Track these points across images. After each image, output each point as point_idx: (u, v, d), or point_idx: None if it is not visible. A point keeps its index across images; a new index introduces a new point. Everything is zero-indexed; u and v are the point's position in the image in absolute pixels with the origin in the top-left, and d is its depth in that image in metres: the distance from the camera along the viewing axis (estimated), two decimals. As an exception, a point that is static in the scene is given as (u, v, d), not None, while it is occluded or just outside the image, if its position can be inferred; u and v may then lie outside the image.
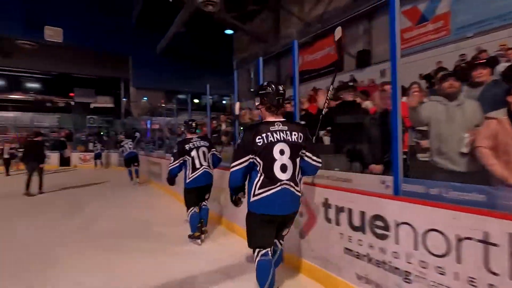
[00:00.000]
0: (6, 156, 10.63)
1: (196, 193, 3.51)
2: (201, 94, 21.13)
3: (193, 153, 3.46)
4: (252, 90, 17.71)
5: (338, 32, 2.81)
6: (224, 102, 21.52)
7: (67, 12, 15.30)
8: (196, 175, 3.44)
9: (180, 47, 17.65)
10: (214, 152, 3.63)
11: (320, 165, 2.02)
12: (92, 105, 22.67)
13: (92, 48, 16.64)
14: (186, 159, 3.46)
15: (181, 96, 22.52)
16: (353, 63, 10.54)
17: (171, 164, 3.51)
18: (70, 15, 15.40)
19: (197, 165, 3.45)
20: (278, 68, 15.07)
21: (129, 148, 8.47)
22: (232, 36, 19.44)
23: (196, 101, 21.51)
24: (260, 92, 1.95)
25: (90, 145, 14.34)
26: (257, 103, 1.97)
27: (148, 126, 13.91)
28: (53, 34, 14.90)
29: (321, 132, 3.76)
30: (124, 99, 22.48)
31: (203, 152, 3.51)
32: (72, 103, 22.35)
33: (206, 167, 3.51)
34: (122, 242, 3.69)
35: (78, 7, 15.48)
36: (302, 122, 3.20)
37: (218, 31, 18.13)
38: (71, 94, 23.81)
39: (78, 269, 2.96)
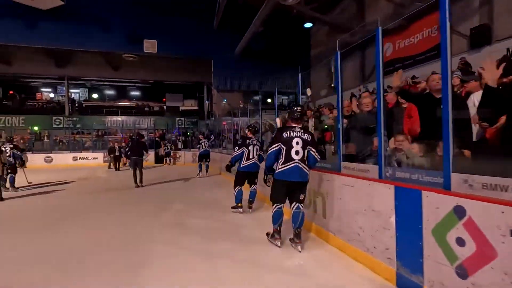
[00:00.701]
0: (117, 153, 12.36)
1: (245, 176, 5.02)
2: (277, 94, 21.02)
3: (250, 147, 4.95)
4: (332, 85, 16.65)
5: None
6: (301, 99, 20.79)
7: (160, 25, 17.08)
8: (248, 163, 4.95)
9: (258, 47, 17.82)
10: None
11: (319, 159, 3.25)
12: (180, 108, 25.07)
13: (180, 55, 18.24)
14: (244, 150, 4.92)
15: (256, 97, 22.99)
16: (465, 44, 8.60)
17: (235, 153, 5.03)
18: (163, 27, 17.14)
19: (250, 157, 4.94)
20: (363, 59, 13.68)
21: (205, 146, 10.30)
22: (309, 31, 18.71)
23: (270, 100, 21.46)
24: (288, 111, 3.43)
25: (179, 145, 15.53)
26: (286, 116, 3.56)
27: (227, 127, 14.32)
28: (149, 46, 16.89)
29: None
30: (207, 102, 24.10)
31: (256, 149, 5.01)
32: (165, 107, 25.13)
33: (256, 160, 4.99)
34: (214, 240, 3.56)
35: (169, 19, 17.11)
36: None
37: (296, 26, 17.63)
38: (164, 99, 26.89)
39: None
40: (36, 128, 18.60)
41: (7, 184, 7.30)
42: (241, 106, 23.53)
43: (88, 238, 3.93)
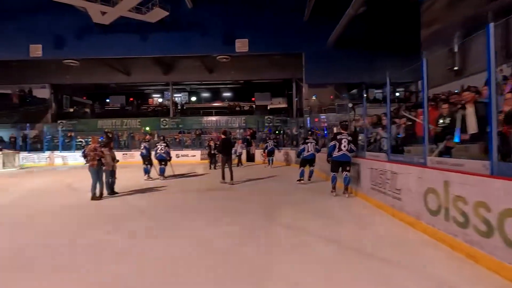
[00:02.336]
0: (212, 152, 12.72)
1: (338, 165, 6.16)
2: (378, 85, 18.49)
3: (342, 141, 6.11)
4: (455, 68, 13.34)
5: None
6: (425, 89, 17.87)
7: (251, 23, 17.06)
8: (339, 154, 6.11)
9: (354, 34, 15.87)
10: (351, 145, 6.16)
11: (355, 149, 6.24)
12: (269, 107, 25.01)
13: (271, 52, 17.84)
14: (335, 143, 6.15)
15: (353, 91, 20.80)
16: None
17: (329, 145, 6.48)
18: (253, 25, 17.08)
19: (342, 148, 6.07)
20: (507, 33, 10.37)
21: (311, 149, 8.15)
22: (419, 8, 15.62)
23: (374, 92, 19.03)
24: (339, 122, 6.97)
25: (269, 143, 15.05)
26: (339, 126, 6.77)
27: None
28: (241, 45, 17.07)
29: None
30: (296, 99, 23.25)
31: (347, 142, 6.08)
32: (254, 106, 25.50)
33: (345, 151, 6.08)
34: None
35: (259, 16, 16.93)
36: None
37: (403, 3, 14.97)
38: (253, 99, 27.40)
39: None
40: (147, 128, 21.29)
41: (152, 174, 9.31)
42: (332, 101, 21.87)
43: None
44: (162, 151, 9.20)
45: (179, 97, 29.09)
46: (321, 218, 4.72)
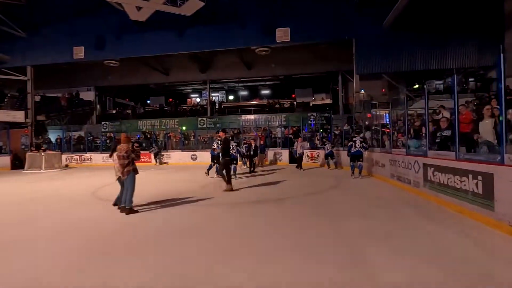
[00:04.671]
0: (251, 153, 11.29)
1: (355, 158, 9.32)
2: (448, 73, 15.59)
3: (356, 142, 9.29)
4: None
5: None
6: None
7: (293, 9, 15.39)
8: (354, 150, 9.26)
9: (418, 12, 13.30)
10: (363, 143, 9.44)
11: (367, 146, 9.75)
12: (311, 103, 23.01)
13: (315, 40, 15.92)
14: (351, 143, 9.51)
15: (410, 85, 18.00)
16: None
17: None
18: (296, 12, 15.39)
19: (356, 145, 9.20)
20: None
21: (358, 145, 9.41)
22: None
23: (439, 83, 16.21)
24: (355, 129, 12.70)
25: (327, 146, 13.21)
26: (353, 132, 12.34)
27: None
28: (282, 34, 15.44)
29: None
30: (342, 94, 21.00)
31: (360, 142, 9.30)
32: (295, 103, 23.70)
33: (359, 148, 9.21)
34: None
35: (302, 2, 15.13)
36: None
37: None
38: (293, 95, 25.59)
39: None
40: (184, 128, 20.71)
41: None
42: (385, 95, 19.21)
43: None
44: (234, 151, 9.49)
45: (216, 96, 28.37)
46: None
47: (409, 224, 4.35)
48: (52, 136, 20.80)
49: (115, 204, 5.37)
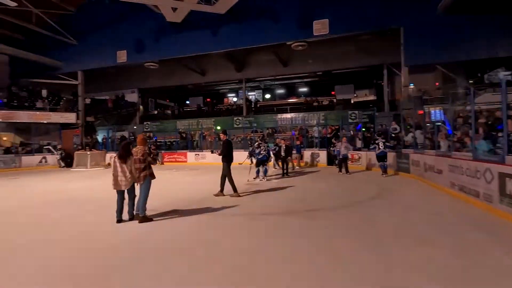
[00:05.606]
0: (282, 153, 10.58)
1: (380, 159, 10.36)
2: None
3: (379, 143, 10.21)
4: None
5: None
6: None
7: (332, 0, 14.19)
8: (378, 152, 10.26)
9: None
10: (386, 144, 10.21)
11: (393, 146, 10.93)
12: (352, 100, 21.45)
13: (357, 31, 14.55)
14: (375, 145, 10.49)
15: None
16: None
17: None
18: (335, 2, 14.20)
19: (380, 147, 10.14)
20: None
21: (381, 147, 10.08)
22: None
23: (507, 73, 13.85)
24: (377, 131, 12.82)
25: (358, 143, 12.07)
26: (376, 134, 11.88)
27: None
28: (320, 27, 14.39)
29: None
30: (387, 90, 19.16)
31: (383, 143, 10.21)
32: (334, 100, 22.31)
33: (383, 149, 10.15)
34: None
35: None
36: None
37: None
38: (332, 92, 24.16)
39: None
40: (218, 127, 20.63)
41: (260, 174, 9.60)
42: (438, 89, 17.03)
43: None
44: (265, 151, 9.53)
45: (253, 95, 28.01)
46: None
47: (487, 258, 3.30)
48: (100, 136, 22.22)
49: (119, 221, 4.69)
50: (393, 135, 12.46)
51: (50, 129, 20.27)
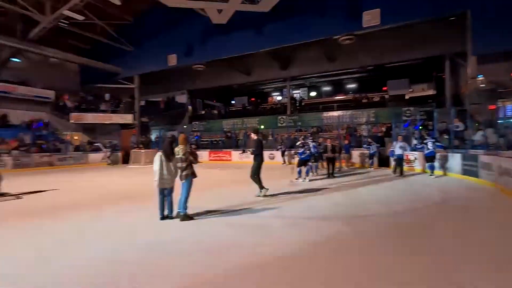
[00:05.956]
0: (329, 154, 10.05)
1: (429, 159, 10.10)
2: None
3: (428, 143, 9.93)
4: None
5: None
6: None
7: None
8: (427, 152, 10.02)
9: None
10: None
11: (445, 145, 10.53)
12: (407, 96, 19.67)
13: (413, 20, 13.16)
14: (423, 146, 10.67)
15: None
16: None
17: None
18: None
19: (429, 147, 9.91)
20: None
21: (431, 147, 9.64)
22: None
23: None
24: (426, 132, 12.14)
25: (414, 142, 10.96)
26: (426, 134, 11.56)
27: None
28: (370, 18, 13.39)
29: None
30: (449, 83, 17.11)
31: (432, 143, 9.85)
32: (386, 96, 20.72)
33: (432, 149, 9.81)
34: None
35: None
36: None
37: None
38: (384, 88, 22.48)
39: None
40: (262, 126, 20.60)
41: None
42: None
43: None
44: (309, 151, 9.41)
45: (297, 93, 27.47)
46: None
47: None
48: (153, 135, 23.88)
49: (162, 218, 4.81)
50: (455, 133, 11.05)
51: (111, 129, 22.39)
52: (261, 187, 6.76)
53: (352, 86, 26.11)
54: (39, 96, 19.55)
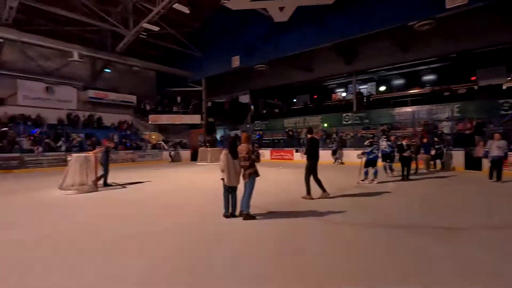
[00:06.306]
0: (405, 154, 9.00)
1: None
2: None
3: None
4: None
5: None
6: None
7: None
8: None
9: None
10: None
11: None
12: (504, 86, 16.47)
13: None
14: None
15: None
16: None
17: None
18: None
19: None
20: None
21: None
22: None
23: None
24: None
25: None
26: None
27: None
28: (455, -4, 11.56)
29: None
30: None
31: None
32: (475, 87, 17.74)
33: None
34: None
35: None
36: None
37: None
38: (473, 78, 19.27)
39: None
40: (325, 125, 19.75)
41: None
42: None
43: None
44: (384, 146, 9.17)
45: (364, 89, 25.60)
46: None
47: None
48: (218, 135, 25.18)
49: (228, 215, 4.89)
50: None
51: (182, 129, 24.39)
52: (308, 191, 6.43)
53: (429, 77, 23.12)
54: (124, 100, 22.56)
